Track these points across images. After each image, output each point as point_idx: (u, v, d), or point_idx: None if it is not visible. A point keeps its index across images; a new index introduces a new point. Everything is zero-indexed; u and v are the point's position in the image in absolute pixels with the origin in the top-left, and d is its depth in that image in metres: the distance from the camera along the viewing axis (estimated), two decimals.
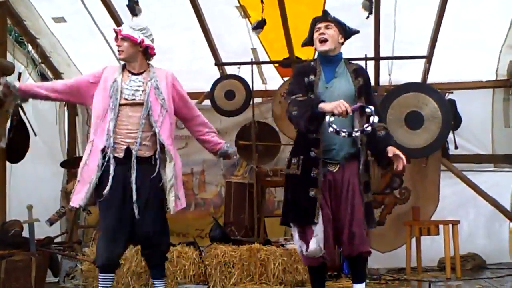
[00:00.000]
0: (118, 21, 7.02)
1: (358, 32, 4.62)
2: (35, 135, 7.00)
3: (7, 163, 6.74)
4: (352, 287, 4.49)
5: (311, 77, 4.36)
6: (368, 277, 6.45)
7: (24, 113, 6.85)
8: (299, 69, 4.51)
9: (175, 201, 4.52)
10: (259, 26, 6.79)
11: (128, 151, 4.48)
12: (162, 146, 4.52)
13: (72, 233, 7.12)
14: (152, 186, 4.50)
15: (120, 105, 4.49)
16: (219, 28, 7.50)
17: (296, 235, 4.37)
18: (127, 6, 6.52)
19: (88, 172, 4.48)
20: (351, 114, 4.15)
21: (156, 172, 4.49)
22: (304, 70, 4.43)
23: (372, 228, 4.44)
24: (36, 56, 7.64)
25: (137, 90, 4.55)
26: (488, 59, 7.54)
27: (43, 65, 7.81)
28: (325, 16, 4.46)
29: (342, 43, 4.50)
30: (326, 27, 4.41)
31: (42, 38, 7.54)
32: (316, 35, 4.43)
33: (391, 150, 4.27)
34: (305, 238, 4.30)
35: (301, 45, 4.68)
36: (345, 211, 4.29)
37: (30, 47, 7.58)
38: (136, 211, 4.38)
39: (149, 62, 4.70)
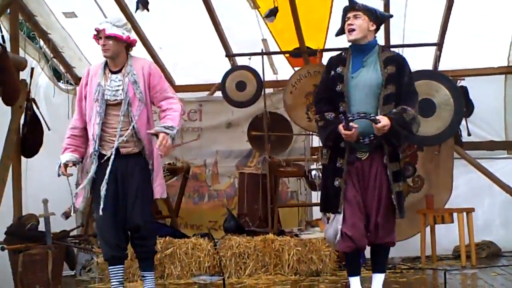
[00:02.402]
0: (128, 15, 7.03)
1: (391, 16, 4.69)
2: (49, 129, 7.03)
3: (23, 157, 6.79)
4: (372, 276, 4.52)
5: (339, 68, 4.44)
6: None
7: (38, 108, 6.88)
8: (329, 62, 4.61)
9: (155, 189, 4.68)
10: (272, 13, 6.76)
11: (117, 149, 4.58)
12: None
13: (88, 226, 7.17)
14: (142, 178, 4.59)
15: (106, 105, 4.59)
16: (228, 20, 7.50)
17: (326, 224, 4.56)
18: (139, 1, 6.48)
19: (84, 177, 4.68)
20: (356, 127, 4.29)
21: (145, 165, 4.61)
22: (333, 63, 4.53)
23: (403, 218, 4.49)
24: (48, 51, 7.68)
25: (117, 90, 4.61)
26: (500, 46, 7.50)
27: (55, 60, 7.87)
28: (352, 5, 4.48)
29: (376, 30, 4.52)
30: (355, 17, 4.44)
31: (54, 33, 7.57)
32: (346, 25, 4.47)
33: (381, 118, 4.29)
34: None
35: (335, 35, 4.72)
36: (372, 200, 4.37)
37: (41, 42, 7.63)
38: (101, 207, 4.52)
39: (129, 54, 4.74)
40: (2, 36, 6.38)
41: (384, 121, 4.25)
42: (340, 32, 4.58)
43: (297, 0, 6.89)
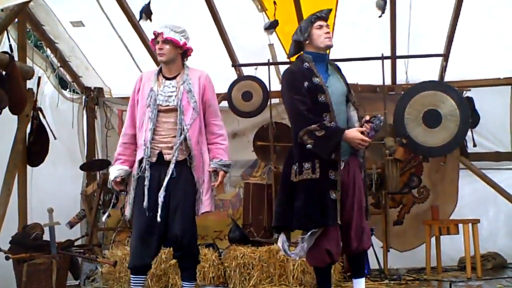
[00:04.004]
0: (135, 24, 7.06)
1: None
2: (55, 138, 7.06)
3: (28, 166, 6.80)
4: (353, 282, 4.52)
5: (315, 79, 4.39)
6: (388, 277, 6.45)
7: (44, 117, 6.90)
8: (295, 74, 4.45)
9: (198, 204, 4.61)
10: (271, 26, 6.78)
11: (160, 155, 4.56)
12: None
13: (92, 236, 7.18)
14: (186, 189, 4.55)
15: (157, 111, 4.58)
16: (235, 24, 7.43)
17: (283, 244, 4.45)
18: (142, 11, 6.48)
19: (131, 183, 4.65)
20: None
21: (190, 175, 4.57)
22: (301, 75, 4.41)
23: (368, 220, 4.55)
24: (54, 60, 7.71)
25: (170, 96, 4.61)
26: (506, 56, 7.47)
27: (61, 69, 7.89)
28: (328, 16, 4.56)
29: None
30: (327, 26, 4.52)
31: (61, 42, 7.60)
32: (319, 32, 4.48)
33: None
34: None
35: (302, 40, 4.56)
36: (351, 207, 4.36)
37: (49, 51, 7.66)
38: (159, 214, 4.45)
39: (185, 63, 4.76)
40: (10, 45, 6.40)
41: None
42: (306, 37, 4.48)
43: (303, 6, 6.87)
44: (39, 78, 7.05)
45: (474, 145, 7.46)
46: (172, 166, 4.52)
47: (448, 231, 6.68)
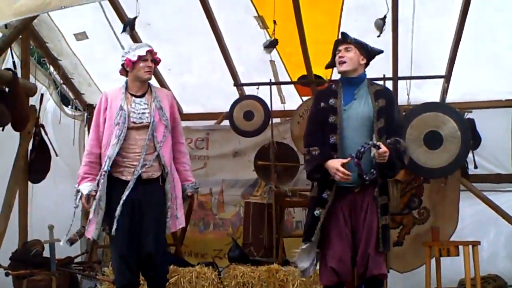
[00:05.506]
0: (136, 39, 7.07)
1: (381, 52, 4.72)
2: (56, 155, 7.07)
3: (29, 183, 6.80)
4: None
5: (331, 100, 4.47)
6: None
7: (46, 133, 6.92)
8: (319, 95, 4.68)
9: (171, 220, 4.64)
10: (271, 45, 6.81)
11: (139, 174, 4.56)
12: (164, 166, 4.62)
13: (92, 253, 7.16)
14: (160, 207, 4.59)
15: (128, 128, 4.57)
16: (237, 40, 7.45)
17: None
18: (126, 24, 6.44)
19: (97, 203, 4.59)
20: (350, 174, 4.28)
21: (162, 192, 4.61)
22: (323, 95, 4.57)
23: (387, 251, 4.49)
24: (57, 77, 7.74)
25: (143, 113, 4.62)
26: (508, 78, 7.50)
27: (64, 86, 7.92)
28: (345, 39, 4.58)
29: (366, 64, 4.60)
30: (346, 50, 4.52)
31: (64, 59, 7.63)
32: (337, 57, 4.54)
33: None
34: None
35: (325, 67, 4.86)
36: (361, 232, 4.37)
37: (52, 69, 7.69)
38: (114, 227, 4.48)
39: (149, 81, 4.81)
40: (13, 62, 6.44)
41: (384, 147, 4.28)
42: (330, 65, 4.66)
43: (305, 23, 6.89)
44: (42, 95, 7.07)
45: (475, 167, 7.45)
46: (133, 182, 4.52)
47: (448, 253, 6.65)
